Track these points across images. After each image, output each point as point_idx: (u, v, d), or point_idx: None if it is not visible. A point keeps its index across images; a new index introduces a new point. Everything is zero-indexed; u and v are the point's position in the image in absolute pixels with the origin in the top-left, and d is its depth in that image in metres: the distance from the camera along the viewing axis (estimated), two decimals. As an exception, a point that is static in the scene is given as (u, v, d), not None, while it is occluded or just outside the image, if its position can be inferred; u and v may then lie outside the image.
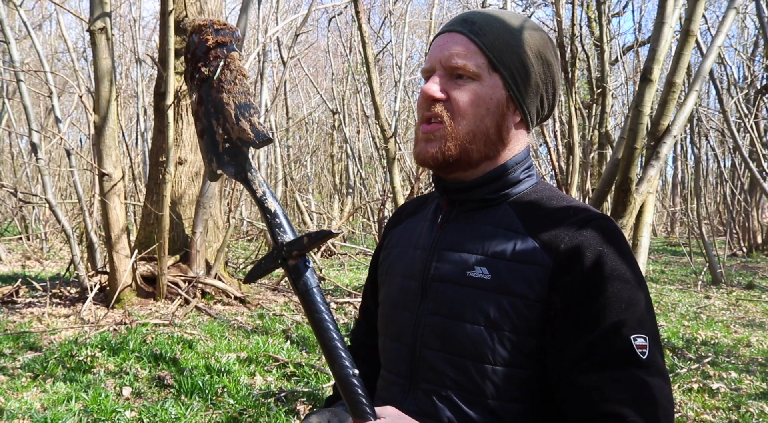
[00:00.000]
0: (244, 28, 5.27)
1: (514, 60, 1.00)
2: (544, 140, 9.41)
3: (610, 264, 0.92)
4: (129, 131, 16.20)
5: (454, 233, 1.04)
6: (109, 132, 5.29)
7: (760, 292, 8.48)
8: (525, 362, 0.95)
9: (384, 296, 1.14)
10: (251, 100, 0.90)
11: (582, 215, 0.98)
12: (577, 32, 10.29)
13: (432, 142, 1.00)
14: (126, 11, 14.85)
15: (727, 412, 3.58)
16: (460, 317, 0.97)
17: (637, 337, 0.89)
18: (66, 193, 16.56)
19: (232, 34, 0.92)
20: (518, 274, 0.95)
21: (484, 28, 1.00)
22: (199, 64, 0.92)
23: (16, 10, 6.98)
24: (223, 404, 3.46)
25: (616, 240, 0.95)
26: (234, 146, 0.90)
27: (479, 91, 0.99)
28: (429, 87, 1.00)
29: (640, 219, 3.18)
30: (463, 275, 0.99)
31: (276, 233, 0.89)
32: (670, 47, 5.07)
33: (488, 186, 1.03)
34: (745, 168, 12.97)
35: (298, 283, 0.88)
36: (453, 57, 0.99)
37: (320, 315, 0.87)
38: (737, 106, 8.95)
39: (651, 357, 0.89)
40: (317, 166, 20.55)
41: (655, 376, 0.88)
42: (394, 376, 1.06)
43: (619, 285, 0.91)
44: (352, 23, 13.89)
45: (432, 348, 1.00)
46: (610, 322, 0.90)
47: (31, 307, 5.71)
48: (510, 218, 1.01)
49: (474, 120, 0.99)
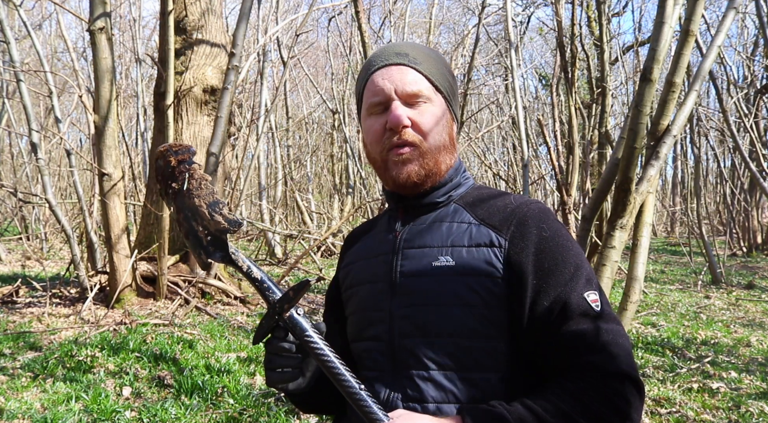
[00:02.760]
0: (244, 28, 5.26)
1: (444, 80, 1.18)
2: (544, 140, 9.41)
3: (553, 236, 1.09)
4: (129, 131, 16.20)
5: (413, 234, 1.16)
6: (109, 132, 5.29)
7: (760, 291, 8.48)
8: (498, 334, 1.06)
9: (354, 306, 1.22)
10: (217, 197, 1.07)
11: (519, 201, 1.15)
12: (577, 32, 10.28)
13: (411, 162, 1.13)
14: (126, 11, 14.85)
15: (727, 411, 3.58)
16: (434, 302, 1.08)
17: (589, 293, 1.05)
18: (66, 193, 16.55)
19: (188, 150, 1.09)
20: (479, 256, 1.08)
21: (417, 58, 1.16)
22: (169, 182, 1.09)
23: (16, 10, 6.98)
24: (223, 404, 3.46)
25: (551, 217, 1.13)
26: (215, 237, 1.07)
27: (434, 111, 1.15)
28: (399, 116, 1.11)
29: (640, 219, 3.18)
30: (429, 266, 1.10)
31: (267, 296, 1.05)
32: (670, 47, 5.07)
33: (438, 191, 1.18)
34: (745, 168, 12.96)
35: (296, 329, 1.02)
36: (407, 85, 1.13)
37: (322, 352, 1.01)
38: (737, 106, 8.95)
39: (603, 307, 1.05)
40: (317, 166, 20.54)
41: (610, 322, 1.04)
42: (375, 373, 1.13)
43: (564, 252, 1.08)
44: (352, 23, 13.89)
45: (410, 336, 1.08)
46: (566, 286, 1.05)
47: (31, 307, 5.71)
48: (461, 213, 1.16)
49: (437, 136, 1.15)
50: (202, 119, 6.75)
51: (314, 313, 6.16)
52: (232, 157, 8.12)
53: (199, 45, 6.79)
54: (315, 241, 9.54)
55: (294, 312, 1.03)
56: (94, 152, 5.54)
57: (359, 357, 1.18)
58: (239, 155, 11.45)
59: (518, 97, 6.82)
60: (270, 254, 11.39)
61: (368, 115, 1.17)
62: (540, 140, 16.28)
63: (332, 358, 1.00)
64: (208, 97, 6.75)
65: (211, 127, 6.11)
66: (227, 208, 1.06)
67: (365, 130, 1.19)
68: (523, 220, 1.10)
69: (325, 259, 11.39)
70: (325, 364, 1.00)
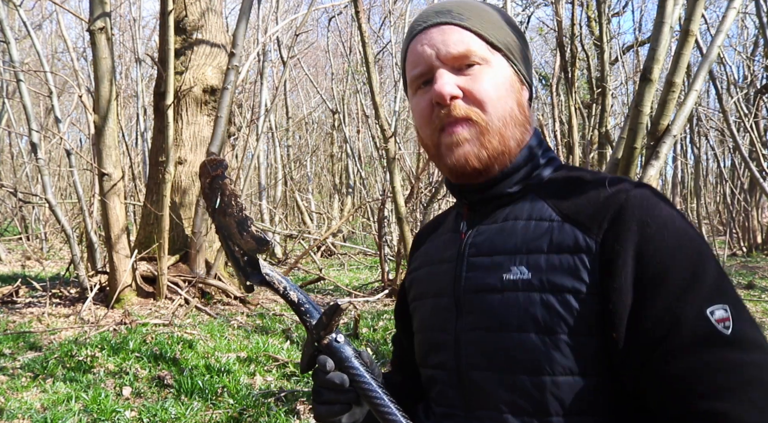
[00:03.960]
0: (244, 28, 5.26)
1: (503, 36, 0.93)
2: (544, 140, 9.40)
3: (660, 232, 0.79)
4: (129, 131, 16.20)
5: (480, 237, 0.93)
6: (109, 132, 5.29)
7: (760, 291, 8.48)
8: (589, 367, 0.81)
9: (418, 323, 1.02)
10: (246, 213, 0.99)
11: (616, 186, 0.86)
12: (577, 32, 10.29)
13: (468, 142, 0.89)
14: (126, 11, 14.85)
15: (727, 411, 3.57)
16: (505, 327, 0.85)
17: (714, 309, 0.75)
18: (66, 193, 16.55)
19: (220, 164, 1.02)
20: (561, 266, 0.82)
21: (463, 12, 0.92)
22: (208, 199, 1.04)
23: (16, 10, 6.98)
24: (223, 404, 3.46)
25: (659, 204, 0.83)
26: (249, 258, 0.99)
27: (492, 74, 0.91)
28: (441, 86, 0.88)
29: (640, 219, 3.18)
30: (499, 279, 0.87)
31: (305, 320, 0.95)
32: (670, 47, 5.06)
33: (510, 178, 0.93)
34: (745, 168, 12.97)
35: (335, 357, 0.91)
36: (451, 46, 0.90)
37: (366, 384, 0.89)
38: (737, 106, 8.94)
39: (737, 329, 0.74)
40: (317, 166, 20.55)
41: (748, 351, 0.73)
42: (444, 409, 0.93)
43: (676, 252, 0.78)
44: (352, 23, 13.89)
45: (479, 368, 0.87)
46: (678, 298, 0.76)
47: (31, 307, 5.71)
48: (540, 207, 0.90)
49: (500, 105, 0.90)
50: (202, 119, 6.75)
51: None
52: (232, 157, 8.13)
53: (199, 45, 6.79)
54: (315, 241, 9.54)
55: (333, 339, 0.91)
56: (94, 152, 5.54)
57: (427, 385, 0.99)
58: (239, 155, 11.45)
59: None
60: (270, 254, 11.39)
61: (414, 93, 0.95)
62: (540, 140, 16.25)
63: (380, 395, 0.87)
64: (208, 97, 6.75)
65: (211, 127, 6.11)
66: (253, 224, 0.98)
67: (413, 111, 0.97)
68: (620, 212, 0.81)
69: (325, 259, 11.40)
70: (371, 400, 0.88)
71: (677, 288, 0.76)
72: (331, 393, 0.91)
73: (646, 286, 0.78)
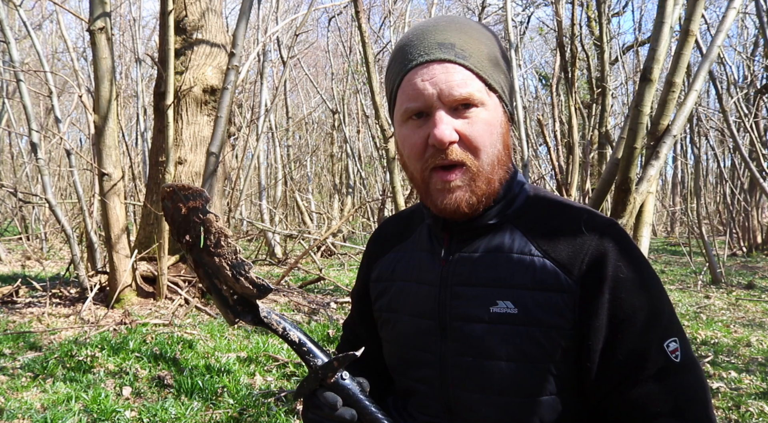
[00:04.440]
0: (244, 28, 5.26)
1: (498, 73, 0.95)
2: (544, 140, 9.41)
3: (631, 277, 0.91)
4: (129, 131, 16.20)
5: (463, 266, 0.98)
6: (109, 132, 5.29)
7: (759, 291, 8.48)
8: (565, 388, 0.93)
9: (394, 336, 1.07)
10: (241, 257, 0.94)
11: (590, 225, 0.94)
12: (577, 32, 10.28)
13: (459, 189, 0.93)
14: (126, 11, 14.85)
15: (727, 411, 3.58)
16: (492, 356, 0.93)
17: (669, 343, 0.90)
18: (66, 193, 16.56)
19: (201, 195, 0.94)
20: (545, 303, 0.91)
21: (466, 48, 0.92)
22: (183, 232, 0.96)
23: (16, 10, 6.98)
24: (223, 404, 3.46)
25: (629, 247, 0.94)
26: (242, 298, 0.96)
27: (487, 118, 0.93)
28: (442, 132, 0.89)
29: (640, 219, 3.18)
30: (486, 311, 0.93)
31: (308, 360, 0.95)
32: (670, 47, 5.07)
33: (491, 211, 0.98)
34: (745, 168, 12.97)
35: (343, 394, 0.94)
36: (454, 89, 0.90)
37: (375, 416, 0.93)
38: (737, 106, 8.94)
39: (683, 356, 0.90)
40: (317, 166, 20.56)
41: (689, 372, 0.90)
42: (428, 418, 1.01)
43: (642, 295, 0.91)
44: (352, 23, 13.89)
45: (466, 389, 0.95)
46: (644, 337, 0.89)
47: (31, 307, 5.71)
48: (519, 240, 0.96)
49: (491, 150, 0.93)
50: (202, 119, 6.75)
51: (314, 313, 6.16)
52: (232, 157, 8.12)
53: (199, 45, 6.79)
54: (315, 241, 9.54)
55: (339, 377, 0.94)
56: (94, 152, 5.54)
57: (405, 392, 1.07)
58: (239, 155, 11.46)
59: (518, 97, 6.82)
60: (270, 254, 11.39)
61: (404, 122, 0.96)
62: (540, 140, 16.28)
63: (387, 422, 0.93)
64: (208, 97, 6.75)
65: (211, 127, 6.11)
66: (252, 269, 0.94)
67: (401, 139, 0.97)
68: (598, 258, 0.91)
69: (325, 259, 11.40)
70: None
71: (643, 326, 0.89)
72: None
73: (618, 325, 0.90)
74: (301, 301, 6.70)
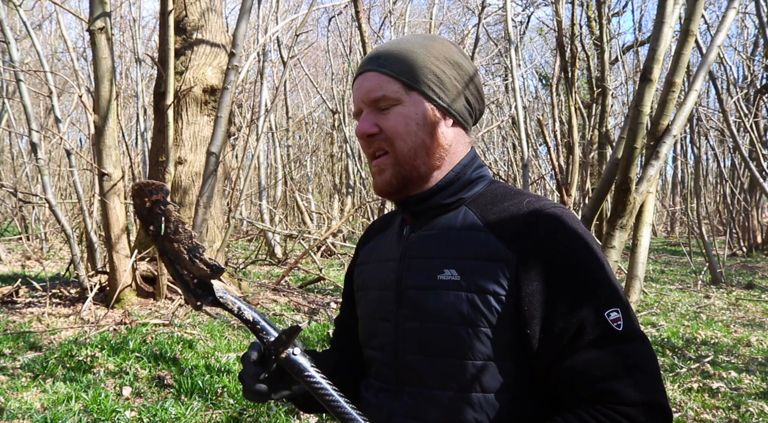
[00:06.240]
0: (244, 28, 5.26)
1: (425, 73, 1.09)
2: (544, 140, 9.42)
3: (568, 250, 0.99)
4: (129, 131, 16.20)
5: (420, 242, 1.10)
6: (109, 132, 5.29)
7: (759, 291, 8.48)
8: (504, 354, 1.00)
9: (363, 310, 1.19)
10: (196, 241, 1.04)
11: (534, 206, 1.03)
12: (577, 32, 10.29)
13: (384, 172, 1.09)
14: (126, 11, 14.85)
15: (726, 411, 3.58)
16: (436, 319, 1.02)
17: (610, 312, 0.95)
18: (66, 193, 16.56)
19: (161, 189, 1.05)
20: (486, 271, 1.00)
21: (388, 58, 1.09)
22: (148, 223, 1.07)
23: (16, 10, 6.98)
24: (223, 404, 3.47)
25: (570, 225, 1.01)
26: (200, 281, 1.06)
27: (404, 112, 1.07)
28: (361, 126, 1.09)
29: (640, 219, 3.18)
30: (433, 279, 1.04)
31: (261, 337, 1.04)
32: (670, 47, 5.07)
33: (444, 192, 1.10)
34: (745, 168, 12.96)
35: (293, 369, 1.02)
36: (371, 92, 1.08)
37: (324, 390, 1.01)
38: (737, 106, 8.95)
39: (626, 326, 0.96)
40: (317, 166, 20.56)
41: (633, 342, 0.95)
42: (380, 383, 1.11)
43: (582, 267, 0.98)
44: (352, 23, 13.89)
45: (413, 352, 1.05)
46: (583, 305, 0.96)
47: (31, 307, 5.71)
48: (470, 219, 1.07)
49: (409, 137, 1.07)
50: (202, 119, 6.75)
51: (314, 313, 6.16)
52: (232, 157, 8.12)
53: (199, 45, 6.79)
54: (315, 241, 9.54)
55: (290, 352, 1.02)
56: (94, 152, 5.54)
57: (367, 363, 1.17)
58: (239, 155, 11.45)
59: (518, 97, 6.82)
60: (270, 254, 11.39)
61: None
62: (540, 140, 16.27)
63: (335, 397, 1.00)
64: (208, 97, 6.75)
65: (211, 127, 6.11)
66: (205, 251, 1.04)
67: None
68: (533, 230, 1.00)
69: (325, 259, 11.40)
70: (329, 404, 1.00)
71: (580, 296, 0.96)
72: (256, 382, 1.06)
73: (556, 294, 0.97)
74: (301, 301, 6.70)
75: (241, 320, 1.05)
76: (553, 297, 0.96)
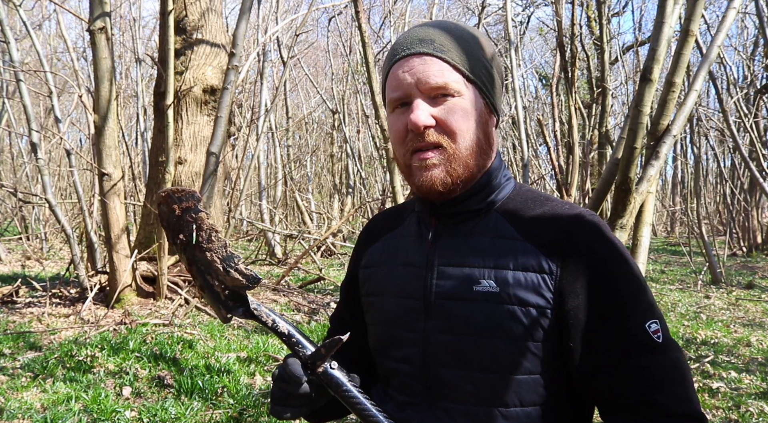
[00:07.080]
0: (244, 28, 5.26)
1: (479, 68, 1.02)
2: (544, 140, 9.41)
3: (609, 260, 0.96)
4: (129, 131, 16.20)
5: (449, 248, 1.03)
6: (109, 132, 5.29)
7: (759, 291, 8.48)
8: (544, 367, 0.97)
9: (376, 317, 1.12)
10: (231, 250, 0.99)
11: (569, 214, 1.00)
12: (577, 32, 10.28)
13: (436, 167, 0.99)
14: (126, 11, 14.85)
15: (727, 411, 3.58)
16: (475, 333, 0.97)
17: (650, 323, 0.95)
18: (66, 193, 16.56)
19: (192, 196, 1.00)
20: (526, 283, 0.96)
21: (445, 44, 1.00)
22: (177, 232, 1.01)
23: (16, 10, 6.98)
24: (223, 404, 3.46)
25: (607, 235, 0.99)
26: (233, 292, 1.01)
27: (465, 106, 0.99)
28: (417, 117, 0.97)
29: (640, 219, 3.18)
30: (469, 290, 0.98)
31: (297, 350, 1.00)
32: (670, 47, 5.06)
33: (476, 196, 1.04)
34: (745, 168, 12.97)
35: (331, 384, 0.99)
36: (430, 78, 0.98)
37: (362, 406, 0.98)
38: (737, 106, 8.94)
39: (665, 337, 0.95)
40: (317, 166, 20.55)
41: (670, 352, 0.95)
42: (406, 397, 1.05)
43: (623, 279, 0.96)
44: (352, 23, 13.89)
45: (448, 366, 0.99)
46: (625, 317, 0.94)
47: (31, 307, 5.71)
48: (503, 226, 1.02)
49: (468, 135, 0.99)
50: (202, 119, 6.75)
51: (314, 313, 6.16)
52: (232, 157, 8.12)
53: (199, 45, 6.79)
54: (315, 241, 9.54)
55: (328, 366, 0.99)
56: (94, 152, 5.54)
57: (386, 374, 1.10)
58: (239, 155, 11.46)
59: (518, 97, 6.82)
60: (270, 254, 11.38)
61: (391, 111, 1.04)
62: (540, 140, 16.28)
63: (374, 412, 0.97)
64: (208, 97, 6.75)
65: (211, 127, 6.11)
66: (242, 262, 0.99)
67: (389, 127, 1.06)
68: (575, 241, 0.96)
69: (325, 259, 11.40)
70: (368, 419, 0.97)
71: (623, 308, 0.94)
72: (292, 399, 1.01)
73: (598, 306, 0.94)
74: (301, 301, 6.70)
75: (276, 333, 1.01)
76: (596, 309, 0.94)
